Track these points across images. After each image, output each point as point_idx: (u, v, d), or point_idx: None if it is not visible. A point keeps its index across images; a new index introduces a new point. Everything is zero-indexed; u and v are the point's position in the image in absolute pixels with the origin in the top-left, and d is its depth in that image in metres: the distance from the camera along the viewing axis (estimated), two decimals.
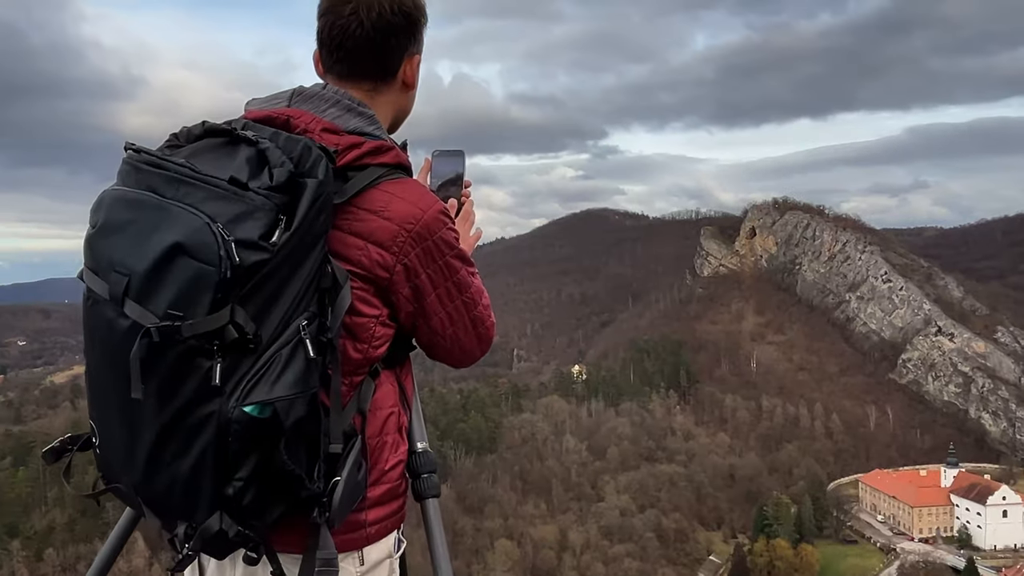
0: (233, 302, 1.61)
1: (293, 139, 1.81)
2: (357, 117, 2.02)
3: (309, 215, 1.72)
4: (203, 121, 1.88)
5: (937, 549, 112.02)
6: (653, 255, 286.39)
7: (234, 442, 1.62)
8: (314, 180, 1.74)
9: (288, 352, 1.68)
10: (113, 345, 1.66)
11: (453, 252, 2.03)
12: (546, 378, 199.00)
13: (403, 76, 2.18)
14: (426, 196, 1.99)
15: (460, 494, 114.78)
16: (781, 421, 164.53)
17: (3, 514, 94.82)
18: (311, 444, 1.75)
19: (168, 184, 1.70)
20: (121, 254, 1.66)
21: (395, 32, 2.09)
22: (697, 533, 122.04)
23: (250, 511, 1.69)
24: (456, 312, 2.09)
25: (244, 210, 1.65)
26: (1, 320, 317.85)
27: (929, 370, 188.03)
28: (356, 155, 1.93)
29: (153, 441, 1.65)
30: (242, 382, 1.62)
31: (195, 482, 1.65)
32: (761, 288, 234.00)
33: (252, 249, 1.63)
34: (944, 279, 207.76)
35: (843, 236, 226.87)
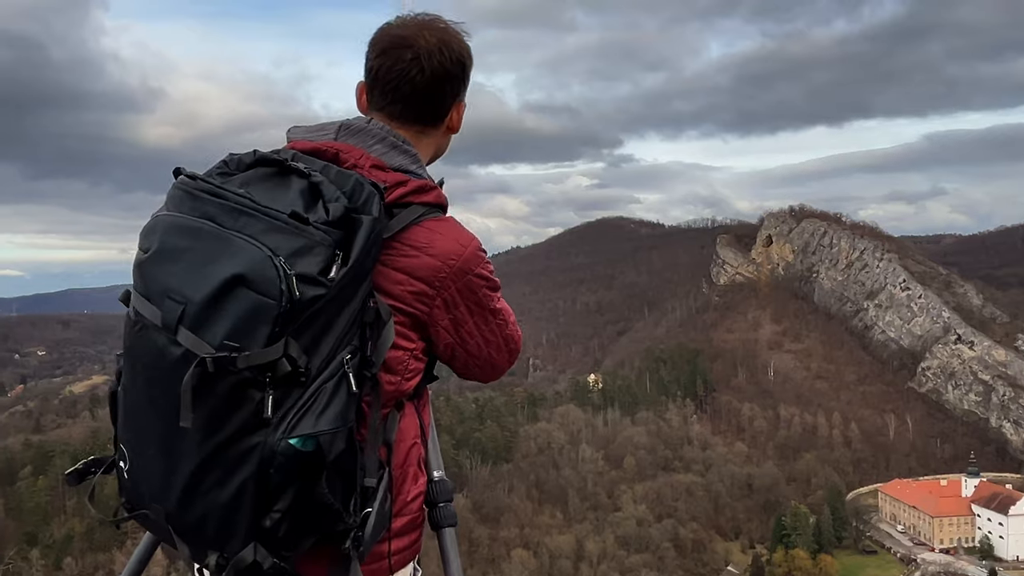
0: (288, 335, 1.63)
1: (344, 174, 1.86)
2: (402, 155, 2.07)
3: (364, 252, 1.77)
4: (254, 150, 1.90)
5: (958, 560, 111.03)
6: (669, 263, 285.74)
7: (276, 474, 1.63)
8: (369, 217, 1.79)
9: (332, 386, 1.70)
10: (161, 372, 1.67)
11: (488, 284, 2.10)
12: (562, 387, 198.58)
13: (449, 121, 2.26)
14: (465, 233, 2.05)
15: (476, 503, 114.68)
16: (799, 430, 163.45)
17: (23, 523, 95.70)
18: (347, 477, 1.77)
19: (227, 214, 1.71)
20: (177, 282, 1.67)
21: (451, 80, 2.16)
22: (715, 543, 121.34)
23: (284, 543, 1.71)
24: (491, 334, 2.16)
25: (304, 245, 1.68)
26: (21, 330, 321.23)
27: (949, 378, 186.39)
28: (401, 192, 1.98)
29: (193, 470, 1.66)
30: (288, 415, 1.64)
31: (232, 513, 1.66)
32: (778, 296, 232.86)
33: (311, 284, 1.66)
34: (963, 286, 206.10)
35: (860, 244, 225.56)
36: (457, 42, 2.16)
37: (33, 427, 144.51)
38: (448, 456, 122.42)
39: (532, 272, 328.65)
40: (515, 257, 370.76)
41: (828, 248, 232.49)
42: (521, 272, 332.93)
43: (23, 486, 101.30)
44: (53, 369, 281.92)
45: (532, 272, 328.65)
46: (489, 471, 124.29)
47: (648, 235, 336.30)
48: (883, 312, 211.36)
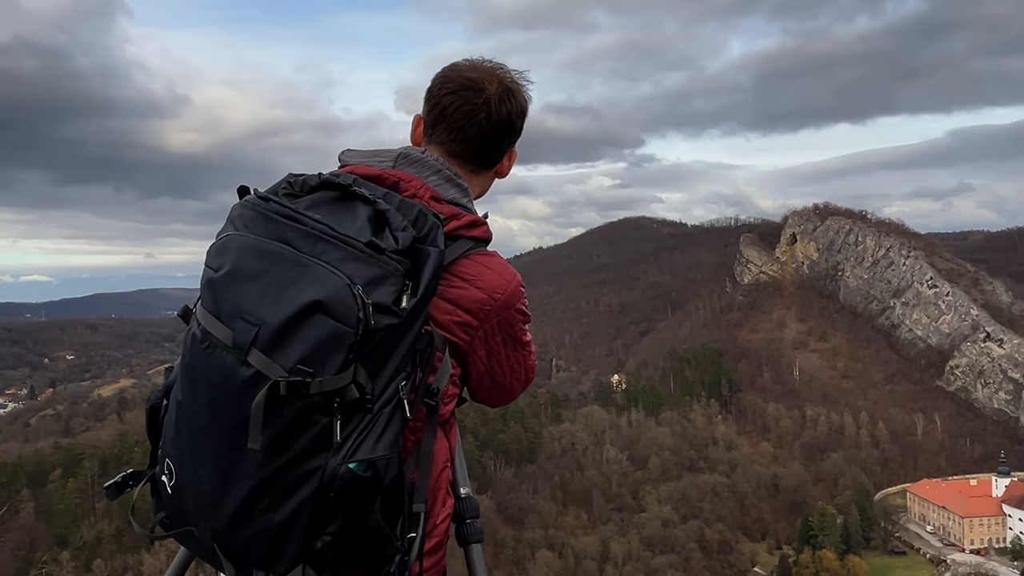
0: (356, 362, 1.68)
1: (408, 203, 1.92)
2: (455, 188, 2.16)
3: (431, 283, 1.82)
4: (319, 173, 1.95)
5: (989, 560, 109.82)
6: (692, 263, 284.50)
7: (335, 498, 1.66)
8: (437, 249, 1.84)
9: (390, 411, 1.74)
10: (227, 392, 1.69)
11: (524, 318, 2.21)
12: (585, 388, 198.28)
13: (500, 166, 2.40)
14: (509, 268, 2.14)
15: (500, 504, 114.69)
16: (825, 430, 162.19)
17: (53, 525, 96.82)
18: (396, 501, 1.79)
19: (304, 239, 1.75)
20: (251, 303, 1.70)
21: (511, 130, 2.30)
22: (741, 544, 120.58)
23: (331, 565, 1.75)
24: (517, 364, 2.26)
25: (380, 274, 1.73)
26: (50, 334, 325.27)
27: (978, 377, 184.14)
28: (456, 226, 2.04)
29: (251, 490, 1.68)
30: (349, 439, 1.68)
31: (285, 534, 1.69)
32: (803, 295, 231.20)
33: (386, 313, 1.71)
34: (992, 283, 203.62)
35: (886, 241, 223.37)
36: (521, 93, 2.28)
37: (63, 430, 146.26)
38: (472, 457, 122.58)
39: (555, 273, 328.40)
40: (537, 258, 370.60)
41: (853, 246, 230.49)
42: (544, 273, 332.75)
43: (53, 488, 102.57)
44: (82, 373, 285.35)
45: (555, 273, 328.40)
46: (513, 472, 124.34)
47: (671, 235, 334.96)
48: (910, 310, 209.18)
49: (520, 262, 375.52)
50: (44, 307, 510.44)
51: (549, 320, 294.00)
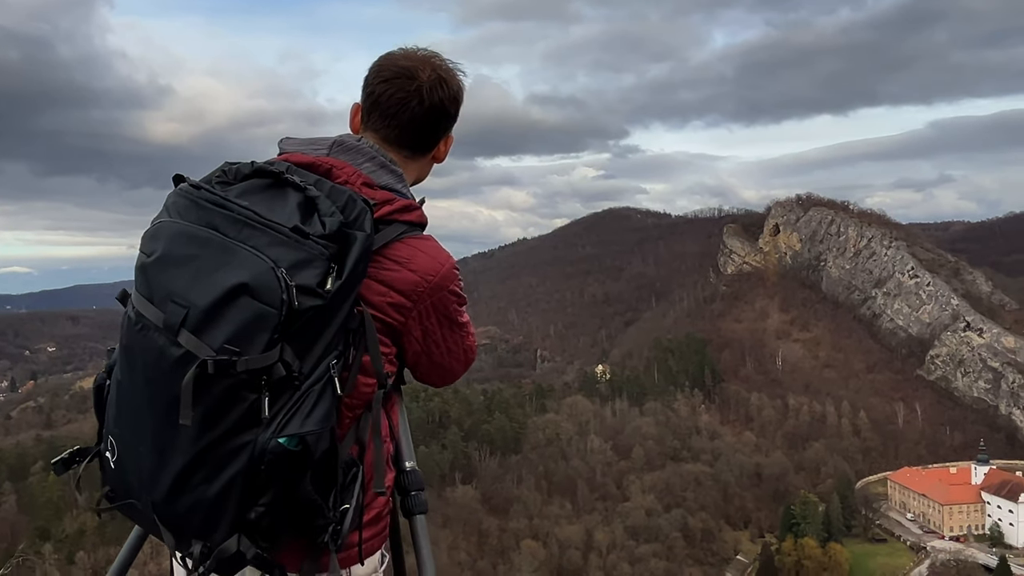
0: (283, 342, 1.77)
1: (338, 189, 2.01)
2: (389, 174, 2.25)
3: (356, 266, 1.91)
4: (252, 161, 2.03)
5: (968, 547, 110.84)
6: (676, 254, 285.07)
7: (265, 471, 1.76)
8: (363, 233, 1.93)
9: (320, 389, 1.84)
10: (160, 371, 1.79)
11: (458, 300, 2.30)
12: (570, 378, 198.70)
13: (436, 152, 2.49)
14: (442, 251, 2.24)
15: (485, 495, 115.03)
16: (807, 419, 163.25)
17: (35, 517, 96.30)
18: (328, 474, 1.89)
19: (232, 225, 1.84)
20: (181, 287, 1.79)
21: (444, 115, 2.37)
22: (724, 533, 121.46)
23: (266, 535, 1.85)
24: (455, 345, 2.37)
25: (304, 258, 1.82)
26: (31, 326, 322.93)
27: (958, 366, 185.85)
28: (388, 211, 2.14)
29: (184, 465, 1.78)
30: (279, 415, 1.77)
31: (219, 506, 1.79)
32: (786, 285, 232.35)
33: (309, 295, 1.80)
34: (972, 273, 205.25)
35: (868, 232, 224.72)
36: (455, 81, 2.36)
37: (44, 423, 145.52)
38: (457, 448, 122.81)
39: (539, 263, 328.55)
40: (522, 249, 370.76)
41: (836, 236, 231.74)
42: (528, 264, 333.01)
43: (35, 481, 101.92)
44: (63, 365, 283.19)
45: (539, 263, 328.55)
46: (498, 462, 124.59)
47: (655, 225, 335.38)
48: (891, 300, 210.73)
49: (504, 253, 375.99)
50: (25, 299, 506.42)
51: (534, 311, 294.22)
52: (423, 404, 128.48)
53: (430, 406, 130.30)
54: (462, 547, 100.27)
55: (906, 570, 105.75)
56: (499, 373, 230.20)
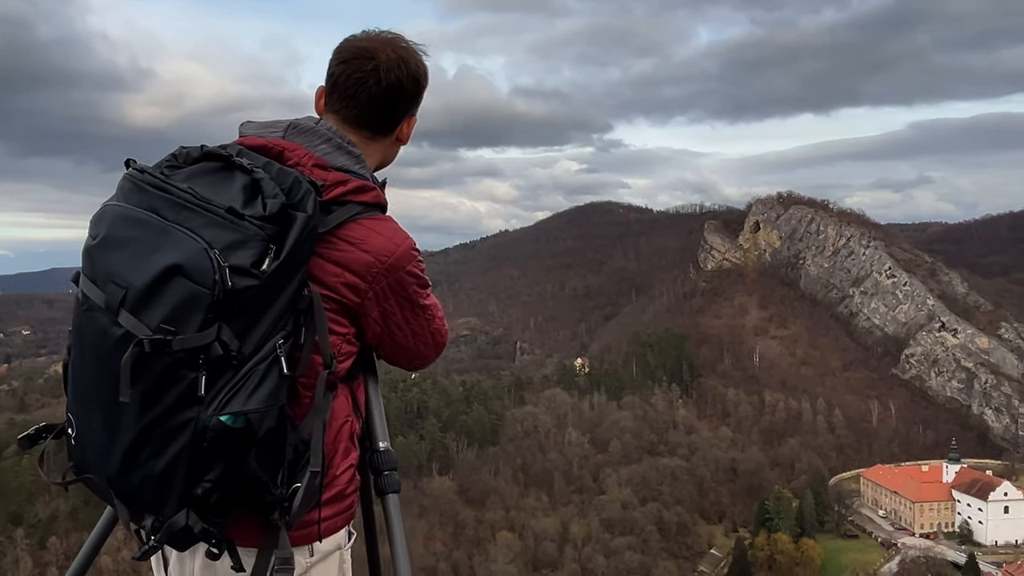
0: (220, 321, 1.79)
1: (285, 171, 2.01)
2: (346, 156, 2.24)
3: (297, 246, 1.92)
4: (202, 144, 2.05)
5: (938, 544, 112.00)
6: (657, 249, 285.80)
7: (208, 448, 1.80)
8: (303, 214, 1.93)
9: (265, 368, 1.86)
10: (104, 350, 1.83)
11: (418, 281, 2.29)
12: (549, 371, 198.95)
13: (399, 132, 2.46)
14: (399, 232, 2.24)
15: (462, 486, 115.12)
16: (783, 415, 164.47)
17: (7, 502, 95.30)
18: (278, 452, 1.93)
19: (170, 207, 1.87)
20: (121, 268, 1.84)
21: (404, 95, 2.35)
22: (698, 527, 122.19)
23: (215, 509, 1.87)
24: (419, 328, 2.36)
25: (239, 239, 1.84)
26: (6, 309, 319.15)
27: (932, 366, 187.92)
28: (341, 191, 2.14)
29: (131, 441, 1.82)
30: (220, 393, 1.80)
31: (167, 481, 1.82)
32: (764, 282, 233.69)
33: (243, 275, 1.81)
34: (948, 274, 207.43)
35: (847, 231, 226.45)
36: (415, 61, 2.34)
37: (17, 406, 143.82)
38: (435, 439, 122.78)
39: (520, 256, 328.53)
40: (504, 241, 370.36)
41: (815, 235, 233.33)
42: (509, 256, 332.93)
43: (7, 465, 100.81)
44: (38, 348, 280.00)
45: (520, 256, 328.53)
46: (475, 454, 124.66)
47: (636, 220, 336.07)
48: (868, 299, 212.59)
49: (486, 244, 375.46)
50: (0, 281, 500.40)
51: (514, 303, 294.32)
52: (401, 395, 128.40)
53: (408, 397, 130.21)
54: (438, 537, 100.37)
55: (877, 566, 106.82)
56: (478, 365, 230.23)
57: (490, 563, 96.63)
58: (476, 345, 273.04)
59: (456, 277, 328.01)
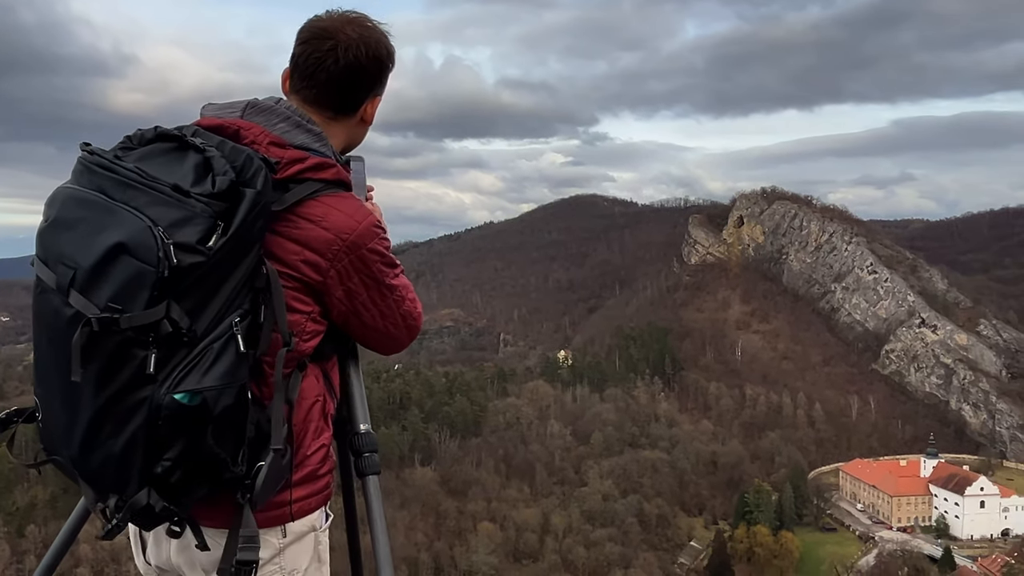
0: (169, 299, 1.79)
1: (238, 149, 1.99)
2: (305, 133, 2.22)
3: (246, 223, 1.90)
4: (156, 126, 2.04)
5: (915, 538, 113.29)
6: (641, 242, 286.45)
7: (164, 426, 1.80)
8: (252, 190, 1.92)
9: (220, 346, 1.86)
10: (58, 331, 1.83)
11: (383, 260, 2.25)
12: (532, 363, 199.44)
13: (363, 113, 2.43)
14: (361, 209, 2.21)
15: (444, 477, 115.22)
16: (764, 409, 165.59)
17: None
18: (238, 431, 1.93)
19: (117, 187, 1.87)
20: (70, 249, 1.84)
21: (365, 74, 2.33)
22: (678, 519, 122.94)
23: (177, 488, 1.88)
24: (387, 309, 2.33)
25: (184, 215, 1.83)
26: None
27: (912, 361, 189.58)
28: (299, 169, 2.12)
29: (90, 421, 1.82)
30: (174, 371, 1.80)
31: (126, 460, 1.83)
32: (747, 277, 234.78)
33: (189, 252, 1.80)
34: (929, 271, 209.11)
35: (830, 227, 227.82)
36: (376, 40, 2.32)
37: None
38: (417, 429, 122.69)
39: (505, 248, 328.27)
40: (488, 232, 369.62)
41: (798, 230, 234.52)
42: (494, 248, 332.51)
43: None
44: (17, 336, 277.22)
45: (505, 248, 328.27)
46: (458, 445, 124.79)
47: (621, 213, 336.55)
48: (850, 295, 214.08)
49: (471, 236, 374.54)
50: None
51: (498, 294, 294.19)
52: (384, 385, 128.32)
53: (391, 387, 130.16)
54: (419, 528, 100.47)
55: (854, 559, 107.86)
56: (461, 356, 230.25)
57: (471, 554, 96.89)
58: (459, 336, 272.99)
59: (440, 268, 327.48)
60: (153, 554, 2.25)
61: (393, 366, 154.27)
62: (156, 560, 2.25)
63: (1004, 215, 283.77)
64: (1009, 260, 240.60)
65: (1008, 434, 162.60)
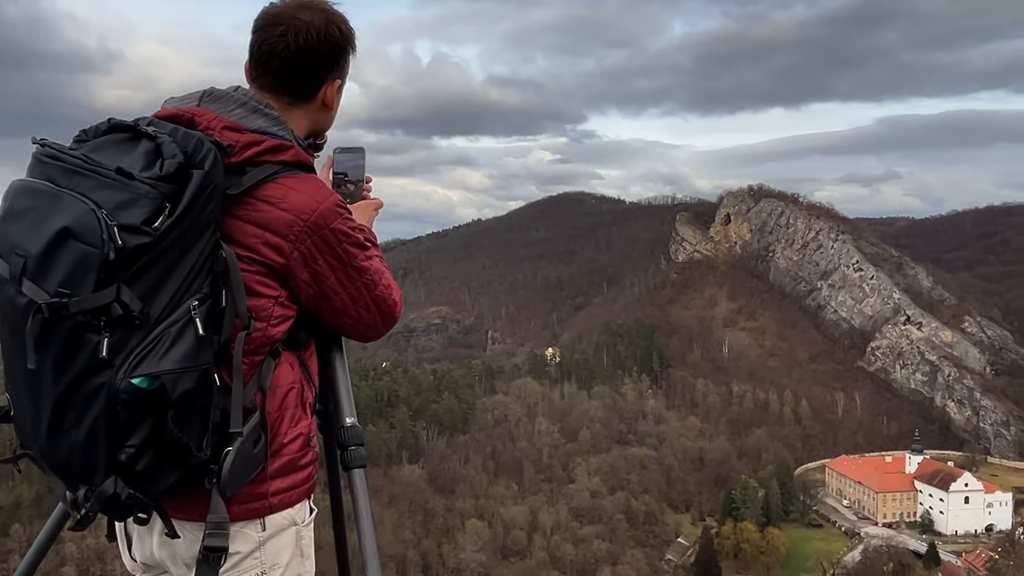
0: (120, 282, 1.78)
1: (189, 134, 1.98)
2: (262, 118, 2.20)
3: (195, 203, 1.89)
4: (109, 118, 2.04)
5: (900, 534, 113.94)
6: (628, 240, 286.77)
7: (123, 412, 1.78)
8: (200, 171, 1.90)
9: (177, 330, 1.85)
10: (15, 321, 1.83)
11: (349, 240, 2.19)
12: (520, 360, 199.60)
13: (323, 97, 2.36)
14: (322, 190, 2.17)
15: (432, 474, 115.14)
16: (751, 406, 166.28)
17: None
18: (203, 416, 1.92)
19: (63, 174, 1.88)
20: (21, 238, 1.84)
21: (318, 58, 2.28)
22: (666, 515, 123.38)
23: (144, 476, 1.86)
24: (357, 293, 2.26)
25: (129, 198, 1.82)
26: None
27: (897, 358, 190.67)
28: (255, 152, 2.10)
29: (52, 410, 1.82)
30: (131, 356, 1.79)
31: (91, 449, 1.81)
32: (734, 274, 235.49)
33: (134, 233, 1.79)
34: (914, 269, 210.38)
35: (816, 224, 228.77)
36: (327, 23, 2.26)
37: None
38: (405, 427, 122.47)
39: (493, 245, 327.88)
40: (476, 230, 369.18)
41: (785, 228, 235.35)
42: (482, 245, 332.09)
43: None
44: None
45: (493, 245, 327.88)
46: (446, 442, 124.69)
47: (609, 211, 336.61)
48: (836, 292, 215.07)
49: (459, 233, 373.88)
50: None
51: (486, 292, 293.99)
52: (372, 383, 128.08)
53: (379, 385, 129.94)
54: (407, 526, 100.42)
55: (840, 555, 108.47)
56: (449, 353, 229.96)
57: (459, 551, 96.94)
58: (447, 334, 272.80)
59: (428, 266, 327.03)
60: (138, 550, 2.23)
61: (381, 363, 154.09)
62: (140, 556, 2.23)
63: (988, 213, 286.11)
64: (993, 258, 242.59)
65: (992, 430, 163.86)
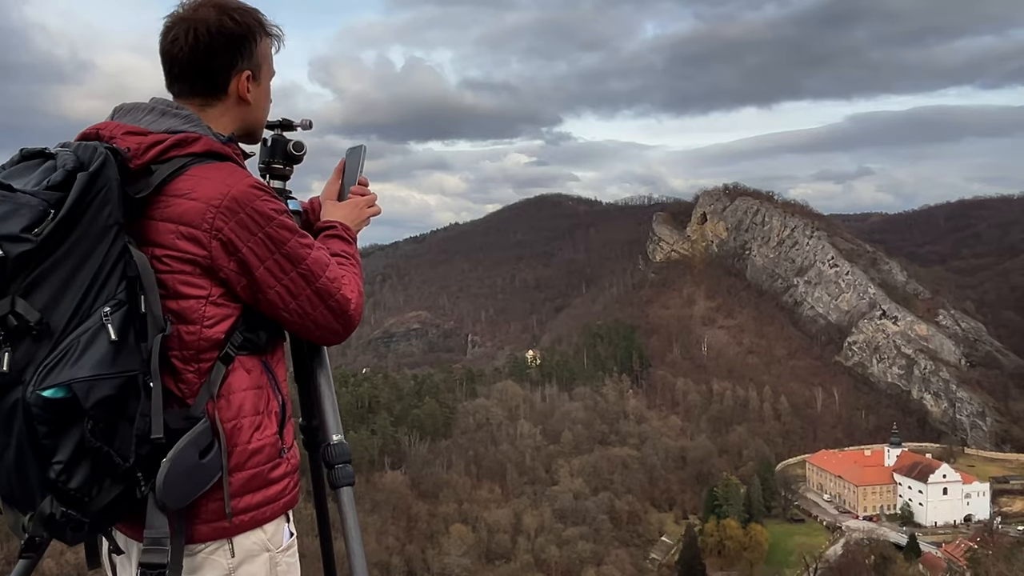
0: (14, 294, 1.73)
1: (86, 145, 1.94)
2: (172, 118, 2.13)
3: (80, 206, 1.83)
4: (21, 148, 2.00)
5: (881, 526, 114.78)
6: (606, 240, 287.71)
7: (40, 426, 1.71)
8: (83, 174, 1.85)
9: (88, 337, 1.77)
10: None
11: (274, 223, 2.06)
12: (500, 363, 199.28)
13: (235, 92, 2.26)
14: (234, 174, 2.07)
15: (415, 479, 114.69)
16: (731, 404, 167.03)
17: None
18: (124, 424, 1.83)
19: None
20: None
21: (216, 52, 2.18)
22: (649, 515, 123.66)
23: (80, 493, 1.77)
24: (294, 285, 2.11)
25: (8, 209, 1.77)
26: None
27: (874, 352, 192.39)
28: (160, 150, 2.04)
29: None
30: (39, 368, 1.71)
31: (22, 469, 1.75)
32: (712, 273, 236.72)
33: (15, 241, 1.73)
34: (888, 263, 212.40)
35: (791, 222, 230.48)
36: (220, 15, 2.18)
37: None
38: (387, 433, 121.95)
39: (471, 249, 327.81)
40: (454, 234, 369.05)
41: (760, 226, 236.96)
42: (460, 249, 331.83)
43: None
44: None
45: (471, 249, 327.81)
46: (428, 447, 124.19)
47: (586, 212, 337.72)
48: (812, 288, 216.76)
49: (437, 237, 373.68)
50: None
51: (465, 295, 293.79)
52: (352, 389, 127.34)
53: (359, 391, 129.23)
54: (391, 532, 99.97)
55: (822, 549, 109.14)
56: (430, 358, 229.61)
57: (443, 556, 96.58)
58: (427, 338, 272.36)
59: (406, 270, 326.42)
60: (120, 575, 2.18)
61: (361, 369, 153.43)
62: None
63: (960, 207, 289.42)
64: (966, 251, 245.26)
65: (968, 422, 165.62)
